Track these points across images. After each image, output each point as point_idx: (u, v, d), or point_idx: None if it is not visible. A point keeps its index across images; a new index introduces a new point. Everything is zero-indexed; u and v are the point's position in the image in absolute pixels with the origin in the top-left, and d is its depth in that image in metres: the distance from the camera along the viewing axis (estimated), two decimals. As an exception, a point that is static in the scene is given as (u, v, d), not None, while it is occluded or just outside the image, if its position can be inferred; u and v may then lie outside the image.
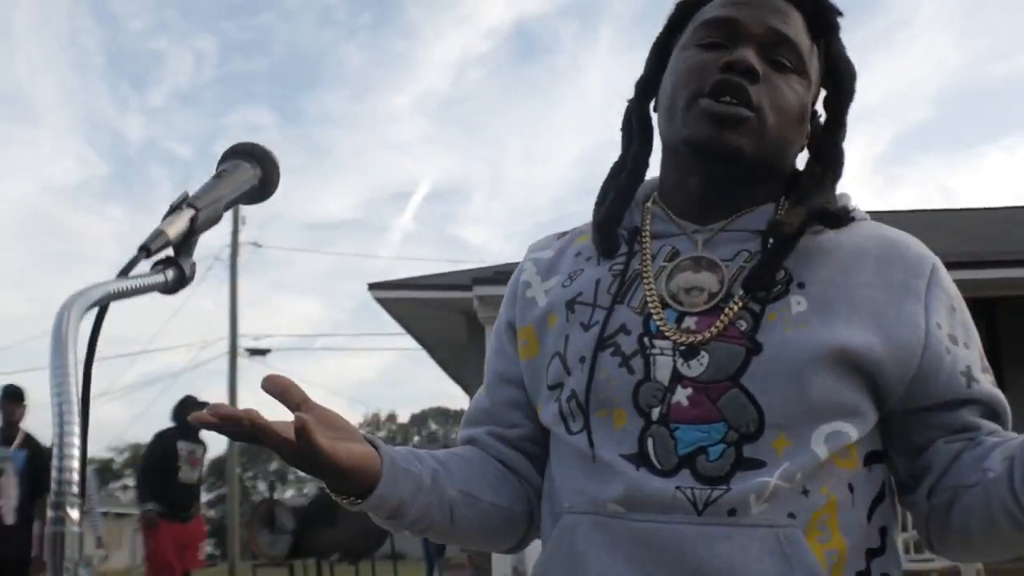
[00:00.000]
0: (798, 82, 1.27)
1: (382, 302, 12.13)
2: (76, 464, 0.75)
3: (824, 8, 1.31)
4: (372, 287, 12.07)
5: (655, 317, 1.24)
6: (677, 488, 1.17)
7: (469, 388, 11.74)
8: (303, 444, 1.09)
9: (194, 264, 1.03)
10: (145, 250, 0.96)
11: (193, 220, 1.01)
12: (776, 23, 1.26)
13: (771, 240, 1.24)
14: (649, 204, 1.37)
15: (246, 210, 24.86)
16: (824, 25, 1.31)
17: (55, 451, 0.74)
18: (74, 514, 0.74)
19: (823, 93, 1.34)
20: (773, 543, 1.15)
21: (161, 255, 0.98)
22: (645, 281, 1.28)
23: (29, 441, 7.66)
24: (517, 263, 1.46)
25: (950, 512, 1.22)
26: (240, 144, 1.16)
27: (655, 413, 1.21)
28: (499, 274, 9.76)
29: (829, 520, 1.18)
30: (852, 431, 1.20)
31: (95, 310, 0.90)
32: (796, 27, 1.28)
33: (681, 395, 1.20)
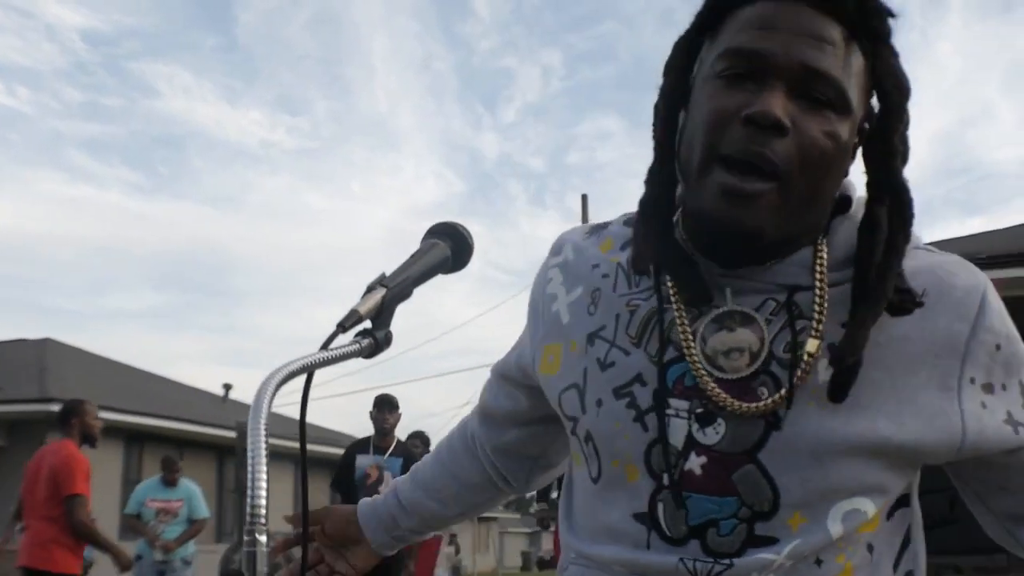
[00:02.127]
0: (837, 119, 1.09)
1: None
2: (264, 500, 1.01)
3: (869, 13, 1.11)
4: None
5: (693, 371, 1.15)
6: (680, 560, 1.13)
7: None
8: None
9: (389, 333, 1.27)
10: (341, 327, 1.20)
11: (384, 298, 1.26)
12: (810, 56, 1.08)
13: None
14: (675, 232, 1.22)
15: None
16: (870, 33, 1.12)
17: (248, 491, 1.01)
18: (263, 538, 1.00)
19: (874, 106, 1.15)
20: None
21: (359, 328, 1.24)
22: (681, 330, 1.16)
23: (402, 448, 8.00)
24: None
25: None
26: (438, 224, 1.41)
27: (666, 478, 1.15)
28: None
29: None
30: (871, 507, 1.13)
31: (303, 376, 1.17)
32: (835, 52, 1.09)
33: (695, 463, 1.13)
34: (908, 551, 1.22)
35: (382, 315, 1.26)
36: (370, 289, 1.27)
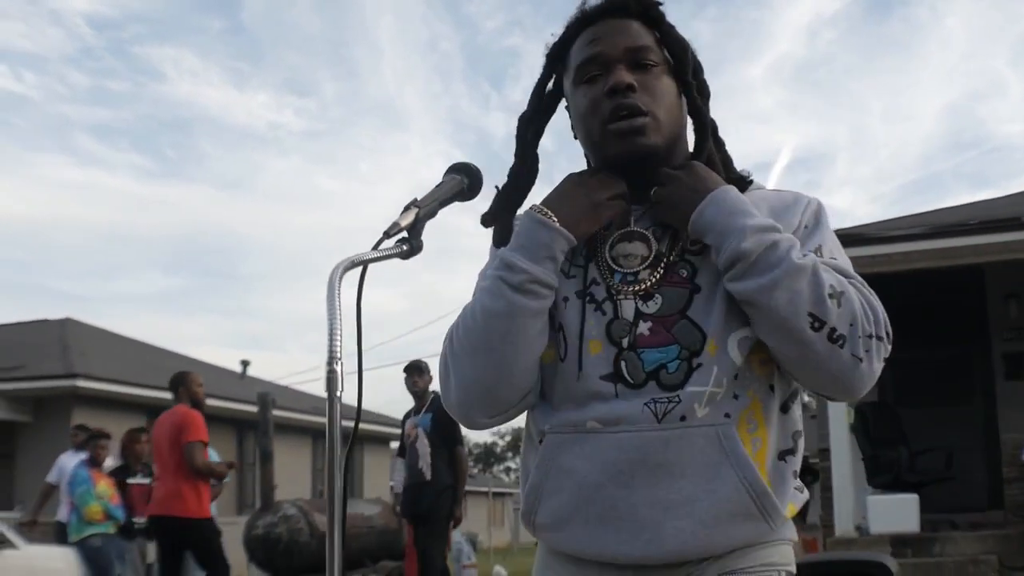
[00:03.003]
0: (663, 72, 1.67)
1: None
2: (339, 341, 1.40)
3: (647, 6, 1.69)
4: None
5: (614, 277, 1.65)
6: (644, 404, 1.55)
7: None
8: None
9: (421, 242, 1.64)
10: (385, 234, 1.57)
11: (417, 215, 1.65)
12: (627, 41, 1.65)
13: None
14: None
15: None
16: (653, 19, 1.69)
17: (328, 330, 1.41)
18: (339, 368, 1.41)
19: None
20: (713, 438, 1.53)
21: (398, 236, 1.61)
22: (599, 249, 1.69)
23: (434, 404, 8.53)
24: (876, 222, 2.01)
25: None
26: (457, 163, 1.78)
27: (625, 342, 1.59)
28: (852, 236, 9.99)
29: (755, 414, 1.57)
30: (752, 334, 1.56)
31: (358, 270, 1.56)
32: (640, 34, 1.67)
33: (643, 327, 1.59)
34: (795, 405, 1.66)
35: (416, 227, 1.63)
36: (406, 208, 1.64)
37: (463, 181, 1.75)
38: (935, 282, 10.90)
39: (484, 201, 1.78)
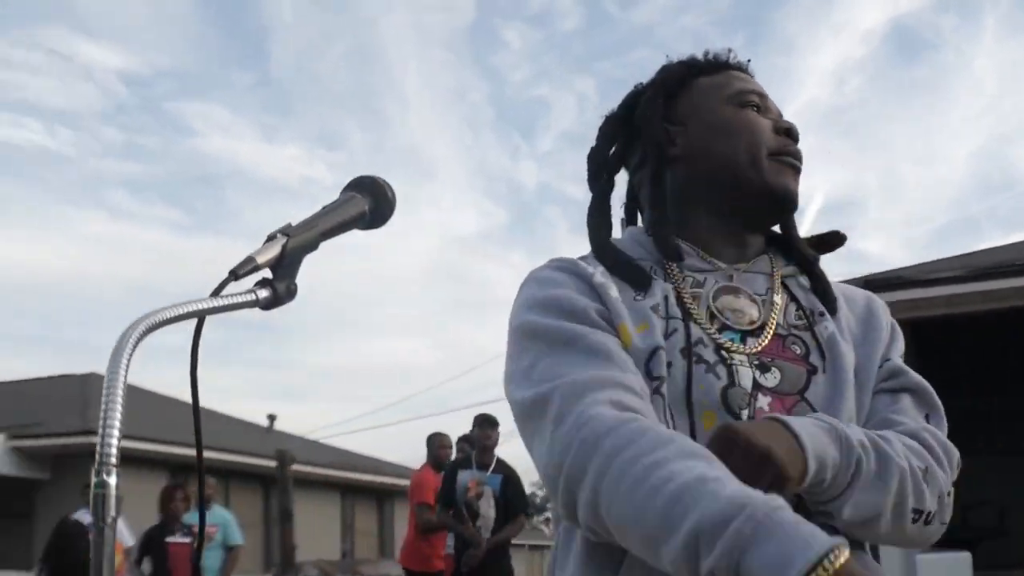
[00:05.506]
0: None
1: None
2: (115, 442, 0.95)
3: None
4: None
5: (721, 335, 1.42)
6: None
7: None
8: None
9: (293, 285, 1.21)
10: (233, 274, 1.14)
11: (284, 247, 1.20)
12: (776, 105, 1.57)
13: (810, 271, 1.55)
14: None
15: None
16: None
17: (100, 428, 0.95)
18: (112, 480, 0.94)
19: None
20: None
21: (259, 276, 1.18)
22: (696, 305, 1.44)
23: (502, 465, 8.23)
24: (915, 264, 1.78)
25: None
26: (359, 178, 1.35)
27: (744, 415, 1.36)
28: (890, 280, 9.57)
29: None
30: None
31: (195, 323, 1.12)
32: None
33: (763, 402, 1.38)
34: None
35: (283, 265, 1.20)
36: (271, 238, 1.21)
37: (363, 203, 1.32)
38: (980, 326, 10.47)
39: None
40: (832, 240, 1.61)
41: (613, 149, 1.60)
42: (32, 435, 17.70)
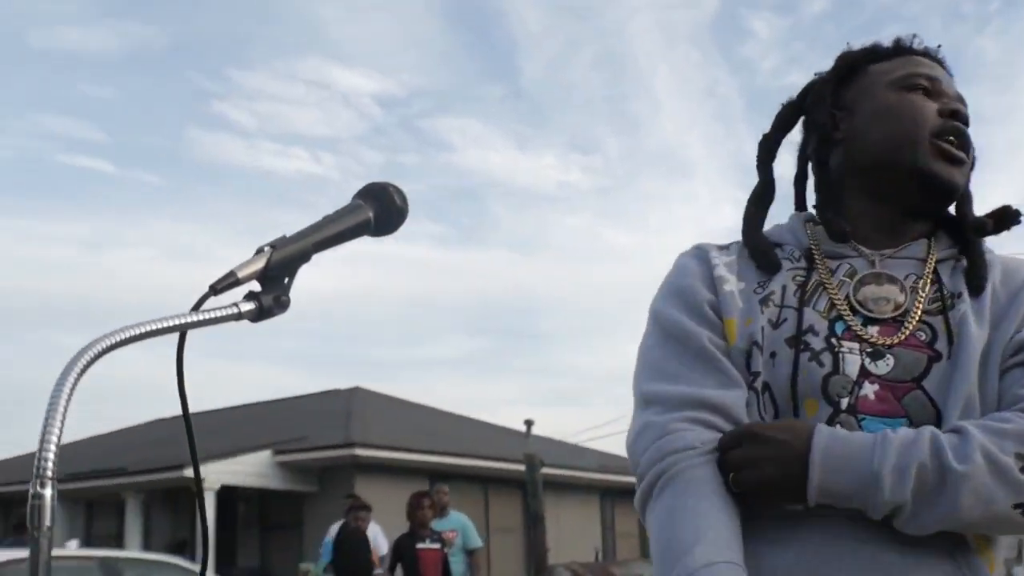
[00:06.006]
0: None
1: None
2: (52, 455, 0.97)
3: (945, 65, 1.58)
4: None
5: (846, 318, 1.41)
6: None
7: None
8: None
9: (284, 297, 1.22)
10: (212, 289, 1.16)
11: (269, 260, 1.20)
12: (957, 90, 1.53)
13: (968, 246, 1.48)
14: (811, 226, 1.56)
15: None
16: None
17: (39, 442, 0.98)
18: (48, 492, 0.97)
19: None
20: (942, 545, 1.28)
21: (245, 289, 1.18)
22: (830, 290, 1.44)
23: None
24: None
25: None
26: (369, 184, 1.35)
27: (844, 403, 1.34)
28: None
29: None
30: None
31: (177, 337, 1.14)
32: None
33: (868, 390, 1.35)
34: None
35: (270, 278, 1.21)
36: (258, 251, 1.22)
37: (367, 211, 1.32)
38: None
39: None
40: (1004, 216, 1.51)
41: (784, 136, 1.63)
42: (299, 449, 18.70)
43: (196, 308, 1.14)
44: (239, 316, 1.19)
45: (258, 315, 1.20)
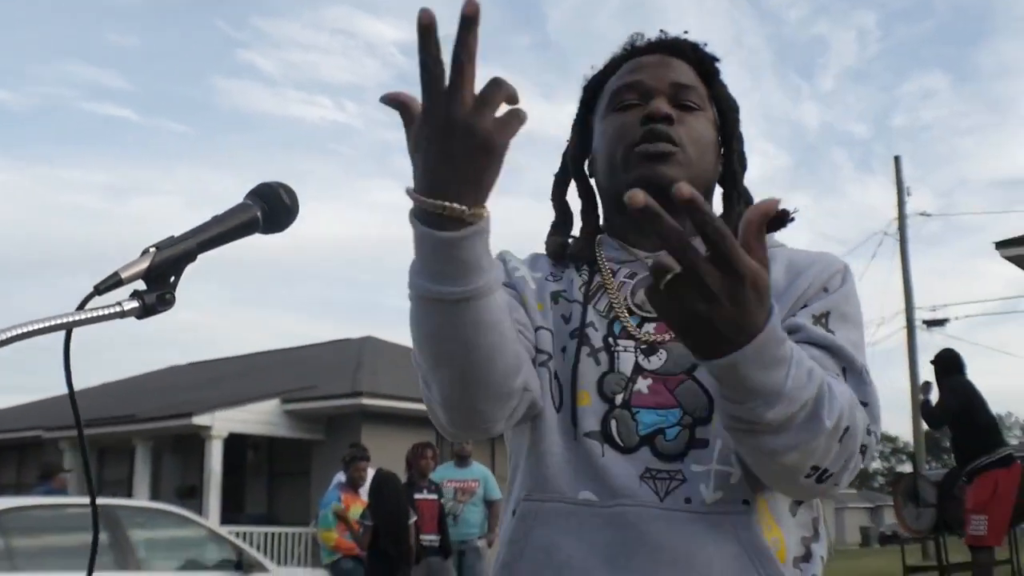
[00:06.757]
0: (704, 118, 1.54)
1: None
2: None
3: (706, 58, 1.59)
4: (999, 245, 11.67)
5: (622, 319, 1.47)
6: (641, 478, 1.36)
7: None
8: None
9: (168, 295, 1.30)
10: (96, 290, 1.24)
11: (153, 260, 1.28)
12: (673, 75, 1.54)
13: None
14: (599, 237, 1.60)
15: (912, 182, 24.66)
16: (708, 71, 1.59)
17: None
18: None
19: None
20: (728, 530, 1.32)
21: (129, 288, 1.26)
22: (610, 292, 1.50)
23: None
24: None
25: None
26: (260, 184, 1.40)
27: (619, 399, 1.41)
28: None
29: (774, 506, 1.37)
30: None
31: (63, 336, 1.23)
32: (690, 75, 1.55)
33: (642, 384, 1.41)
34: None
35: (153, 278, 1.28)
36: (144, 252, 1.30)
37: (255, 210, 1.38)
38: None
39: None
40: (773, 219, 1.50)
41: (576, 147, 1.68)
42: (307, 398, 18.92)
43: (81, 307, 1.22)
44: (123, 314, 1.25)
45: (142, 313, 1.28)
